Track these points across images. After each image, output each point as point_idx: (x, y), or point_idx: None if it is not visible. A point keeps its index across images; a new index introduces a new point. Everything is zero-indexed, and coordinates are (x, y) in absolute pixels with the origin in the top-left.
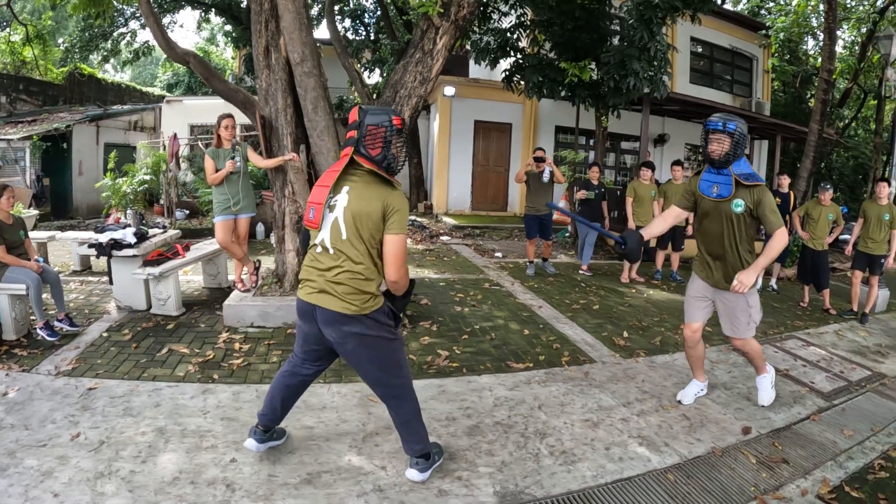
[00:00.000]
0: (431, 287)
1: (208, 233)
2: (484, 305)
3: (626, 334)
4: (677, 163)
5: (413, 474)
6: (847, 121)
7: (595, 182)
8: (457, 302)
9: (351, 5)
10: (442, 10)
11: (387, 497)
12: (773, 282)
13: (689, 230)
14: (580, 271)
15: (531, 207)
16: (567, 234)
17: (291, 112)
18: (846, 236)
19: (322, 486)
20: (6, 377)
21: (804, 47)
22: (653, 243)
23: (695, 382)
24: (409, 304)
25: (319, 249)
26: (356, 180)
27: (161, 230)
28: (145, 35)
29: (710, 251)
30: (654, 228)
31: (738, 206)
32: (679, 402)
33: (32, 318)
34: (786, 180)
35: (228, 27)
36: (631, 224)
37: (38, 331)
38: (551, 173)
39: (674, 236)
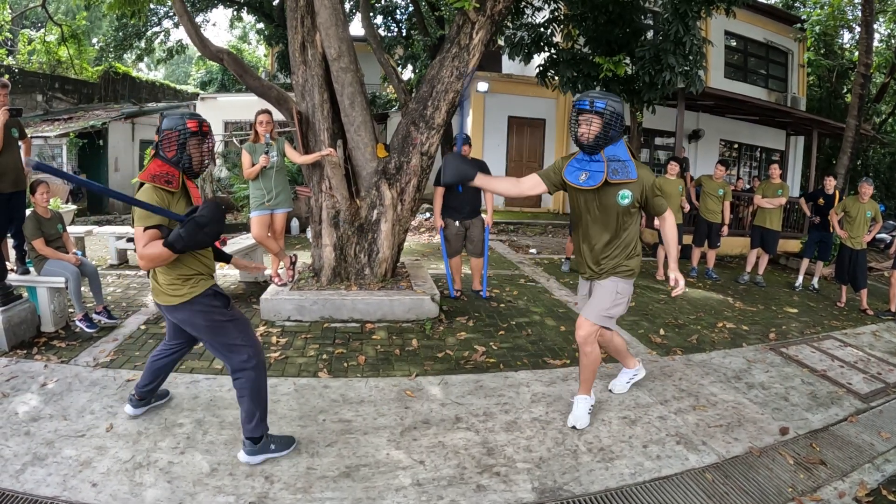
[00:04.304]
0: (467, 282)
1: (243, 228)
2: (520, 301)
3: (662, 332)
4: (722, 162)
5: (240, 454)
6: (884, 116)
7: None
8: (493, 297)
9: (383, 2)
10: (478, 5)
11: (425, 491)
12: (814, 281)
13: (725, 230)
14: None
15: None
16: None
17: (328, 107)
18: (884, 235)
19: (360, 480)
20: (45, 368)
21: (839, 41)
22: (687, 241)
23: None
24: (445, 299)
25: None
26: None
27: None
28: (179, 34)
29: (583, 244)
30: (493, 183)
31: (625, 197)
32: (574, 427)
33: (71, 310)
34: (831, 182)
35: (260, 25)
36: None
37: (77, 323)
38: None
39: (709, 233)
